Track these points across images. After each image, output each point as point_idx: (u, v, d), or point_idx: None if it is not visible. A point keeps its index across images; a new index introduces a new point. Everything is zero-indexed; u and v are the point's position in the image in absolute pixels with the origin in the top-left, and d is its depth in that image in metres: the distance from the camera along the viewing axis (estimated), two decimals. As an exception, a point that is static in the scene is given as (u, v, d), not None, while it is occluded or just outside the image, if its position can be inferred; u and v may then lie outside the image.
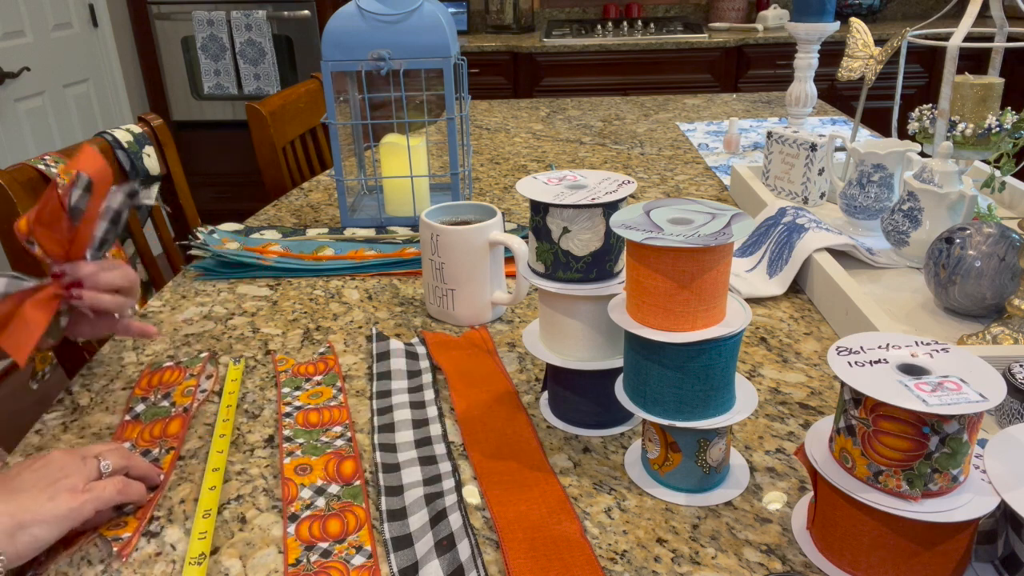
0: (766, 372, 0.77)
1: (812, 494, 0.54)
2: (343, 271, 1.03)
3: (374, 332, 0.86)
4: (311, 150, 1.76)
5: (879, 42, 1.19)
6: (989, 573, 0.50)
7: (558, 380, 0.69)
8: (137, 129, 1.28)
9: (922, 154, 1.06)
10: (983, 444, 0.50)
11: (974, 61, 2.45)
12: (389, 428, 0.69)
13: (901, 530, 0.48)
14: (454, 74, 1.09)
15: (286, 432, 0.69)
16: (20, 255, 1.06)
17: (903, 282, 0.93)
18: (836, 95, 2.95)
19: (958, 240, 0.81)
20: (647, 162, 1.51)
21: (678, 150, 1.59)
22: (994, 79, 1.06)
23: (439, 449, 0.66)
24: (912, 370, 0.48)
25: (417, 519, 0.58)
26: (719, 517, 0.58)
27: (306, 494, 0.61)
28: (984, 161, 1.17)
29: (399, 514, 0.58)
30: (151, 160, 1.28)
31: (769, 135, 1.20)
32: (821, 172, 1.15)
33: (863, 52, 1.19)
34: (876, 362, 0.49)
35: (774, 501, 0.59)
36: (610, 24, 3.26)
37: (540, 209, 0.62)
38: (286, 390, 0.75)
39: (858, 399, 0.47)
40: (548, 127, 1.83)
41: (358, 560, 0.54)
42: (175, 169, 1.38)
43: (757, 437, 0.67)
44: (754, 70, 3.06)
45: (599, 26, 3.21)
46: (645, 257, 0.54)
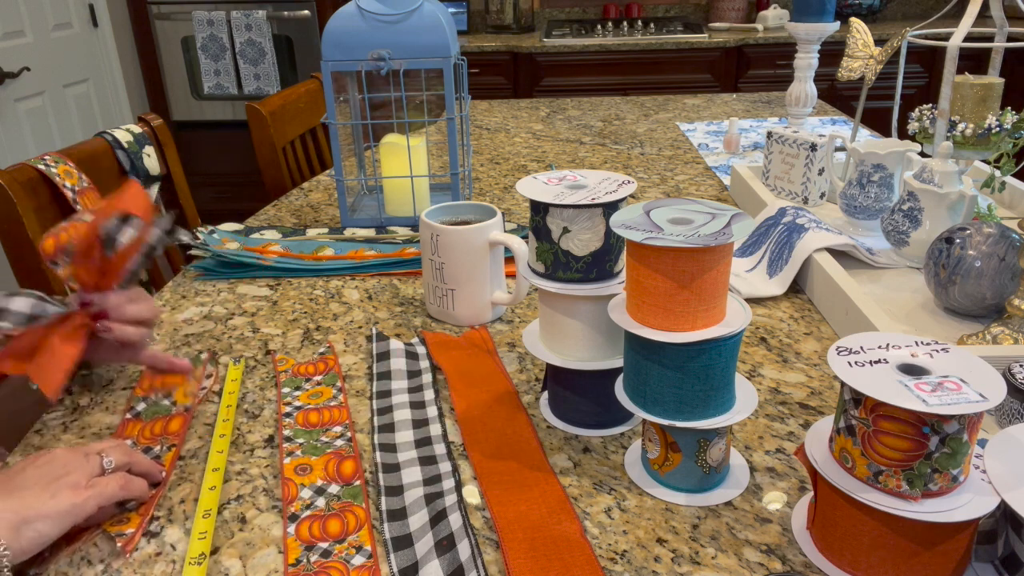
0: (766, 372, 0.77)
1: (812, 494, 0.54)
2: (343, 271, 1.03)
3: (374, 332, 0.86)
4: (311, 150, 1.76)
5: (879, 42, 1.19)
6: (989, 573, 0.50)
7: (558, 380, 0.69)
8: (137, 129, 1.29)
9: (922, 154, 1.06)
10: (983, 444, 0.50)
11: (974, 61, 2.45)
12: (389, 428, 0.69)
13: (901, 530, 0.48)
14: (454, 74, 1.09)
15: (286, 432, 0.69)
16: (20, 257, 1.06)
17: (903, 282, 0.93)
18: (836, 95, 2.95)
19: (958, 240, 0.81)
20: (647, 162, 1.51)
21: (678, 150, 1.59)
22: (994, 79, 1.06)
23: (439, 449, 0.66)
24: (912, 370, 0.48)
25: (417, 519, 0.58)
26: (719, 517, 0.58)
27: (306, 494, 0.61)
28: (984, 161, 1.17)
29: (399, 514, 0.58)
30: (151, 160, 1.28)
31: (769, 135, 1.20)
32: (821, 172, 1.15)
33: (863, 52, 1.19)
34: (876, 362, 0.49)
35: (774, 501, 0.59)
36: (610, 24, 3.26)
37: (540, 209, 0.62)
38: (286, 390, 0.75)
39: (858, 399, 0.47)
40: (548, 127, 1.83)
41: (358, 560, 0.54)
42: (175, 169, 1.38)
43: (757, 437, 0.67)
44: (754, 70, 3.06)
45: (599, 26, 3.21)
46: (645, 257, 0.54)
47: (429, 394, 0.74)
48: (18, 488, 0.54)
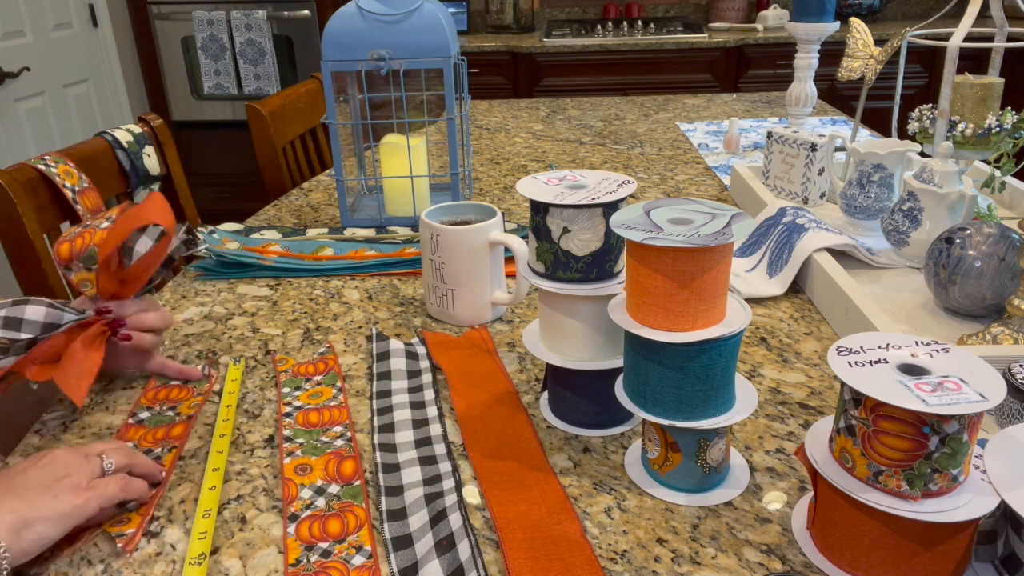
0: (766, 372, 0.77)
1: (812, 494, 0.54)
2: (343, 271, 1.03)
3: (374, 332, 0.86)
4: (311, 150, 1.76)
5: (879, 42, 1.19)
6: (989, 573, 0.50)
7: (558, 380, 0.69)
8: (137, 129, 1.29)
9: (922, 154, 1.06)
10: (983, 444, 0.50)
11: (974, 61, 2.45)
12: (389, 428, 0.69)
13: (901, 530, 0.48)
14: (454, 74, 1.09)
15: (286, 432, 0.69)
16: (20, 257, 1.06)
17: (903, 282, 0.93)
18: (836, 95, 2.96)
19: (958, 240, 0.81)
20: (647, 162, 1.51)
21: (678, 150, 1.59)
22: (994, 79, 1.06)
23: (439, 449, 0.66)
24: (912, 370, 0.48)
25: (417, 519, 0.58)
26: (719, 517, 0.58)
27: (306, 494, 0.61)
28: (984, 161, 1.17)
29: (399, 514, 0.58)
30: (151, 160, 1.28)
31: (769, 135, 1.20)
32: (821, 172, 1.15)
33: (863, 52, 1.19)
34: (876, 362, 0.49)
35: (774, 501, 0.59)
36: (610, 24, 3.26)
37: (540, 209, 0.62)
38: (286, 390, 0.75)
39: (858, 399, 0.47)
40: (548, 127, 1.83)
41: (358, 560, 0.54)
42: (175, 169, 1.38)
43: (757, 437, 0.67)
44: (754, 70, 3.06)
45: (599, 26, 3.21)
46: (645, 257, 0.54)
47: (429, 394, 0.74)
48: (19, 489, 0.53)
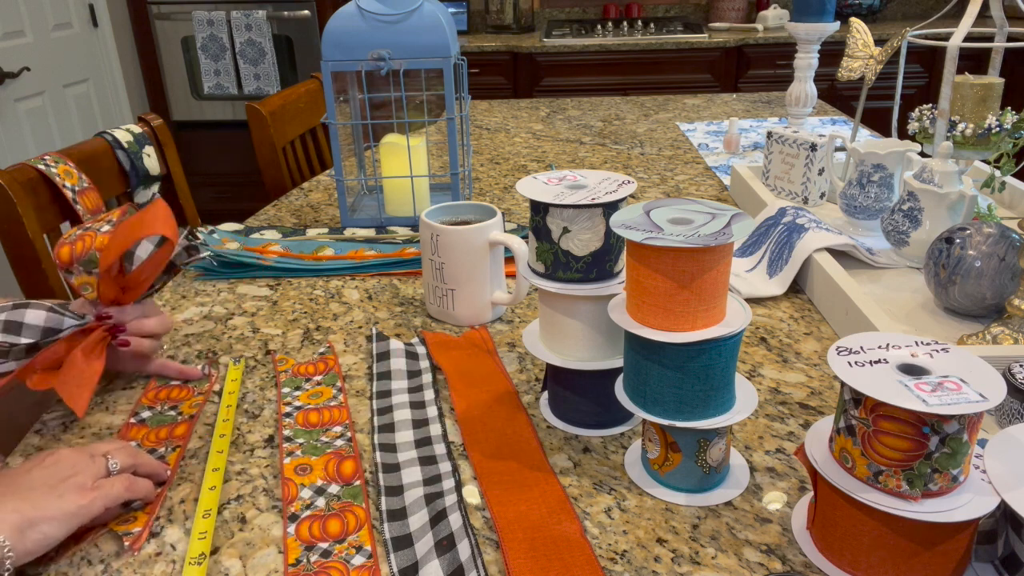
0: (766, 372, 0.77)
1: (812, 494, 0.54)
2: (343, 271, 1.03)
3: (374, 332, 0.86)
4: (311, 150, 1.76)
5: (879, 42, 1.19)
6: (989, 573, 0.50)
7: (558, 380, 0.69)
8: (137, 129, 1.29)
9: (922, 154, 1.06)
10: (983, 444, 0.50)
11: (974, 61, 2.45)
12: (389, 428, 0.69)
13: (901, 530, 0.48)
14: (454, 74, 1.09)
15: (286, 432, 0.69)
16: (20, 257, 1.06)
17: (903, 282, 0.93)
18: (836, 95, 2.96)
19: (958, 240, 0.81)
20: (647, 162, 1.51)
21: (678, 150, 1.59)
22: (994, 79, 1.06)
23: (439, 449, 0.66)
24: (912, 370, 0.48)
25: (417, 519, 0.58)
26: (719, 517, 0.58)
27: (306, 494, 0.61)
28: (984, 161, 1.17)
29: (399, 514, 0.58)
30: (151, 160, 1.28)
31: (769, 135, 1.20)
32: (821, 172, 1.15)
33: (863, 52, 1.19)
34: (876, 362, 0.49)
35: (774, 501, 0.59)
36: (610, 24, 3.26)
37: (540, 209, 0.62)
38: (286, 390, 0.75)
39: (858, 399, 0.47)
40: (548, 127, 1.83)
41: (358, 560, 0.54)
42: (175, 169, 1.38)
43: (757, 437, 0.67)
44: (754, 70, 3.06)
45: (599, 26, 3.21)
46: (645, 257, 0.54)
47: (429, 394, 0.74)
48: (24, 489, 0.53)
